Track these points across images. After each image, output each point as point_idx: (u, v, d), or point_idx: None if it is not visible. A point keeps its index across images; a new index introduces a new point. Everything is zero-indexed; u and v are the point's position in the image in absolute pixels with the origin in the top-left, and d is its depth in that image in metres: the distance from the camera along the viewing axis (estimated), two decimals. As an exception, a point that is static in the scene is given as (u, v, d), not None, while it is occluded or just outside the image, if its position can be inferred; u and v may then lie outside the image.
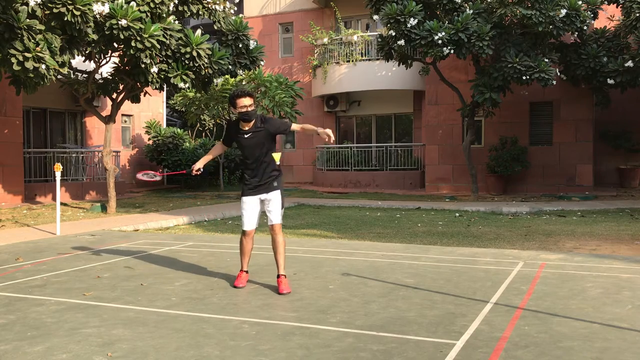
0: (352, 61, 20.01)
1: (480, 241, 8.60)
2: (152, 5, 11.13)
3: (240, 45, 13.40)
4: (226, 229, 10.29)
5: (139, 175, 6.46)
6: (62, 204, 13.83)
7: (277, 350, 3.72)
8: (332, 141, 5.13)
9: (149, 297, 5.16)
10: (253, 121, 5.32)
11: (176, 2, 11.89)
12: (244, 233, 5.49)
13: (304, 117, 20.60)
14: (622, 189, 17.81)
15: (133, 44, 10.67)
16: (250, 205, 5.41)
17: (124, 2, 10.59)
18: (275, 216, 5.38)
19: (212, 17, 12.88)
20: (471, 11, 13.78)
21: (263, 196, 5.40)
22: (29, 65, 8.99)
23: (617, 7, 14.84)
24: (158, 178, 6.70)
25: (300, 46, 22.24)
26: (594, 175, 17.48)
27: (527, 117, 17.43)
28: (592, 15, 14.29)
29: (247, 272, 5.65)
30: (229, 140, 5.65)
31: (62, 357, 3.62)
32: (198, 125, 21.96)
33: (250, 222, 5.44)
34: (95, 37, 10.50)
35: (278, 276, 5.39)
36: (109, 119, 13.03)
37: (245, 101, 5.21)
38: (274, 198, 5.40)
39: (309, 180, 22.25)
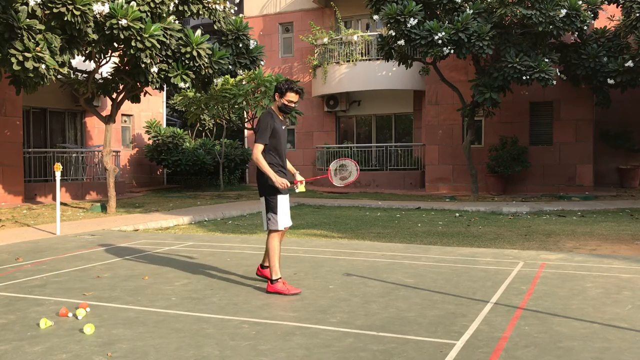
0: (352, 61, 20.00)
1: (480, 241, 8.59)
2: (152, 5, 11.13)
3: (241, 45, 13.40)
4: (226, 228, 10.29)
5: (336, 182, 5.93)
6: (62, 203, 13.83)
7: (277, 350, 3.72)
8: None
9: (149, 297, 5.16)
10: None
11: (176, 1, 11.89)
12: (278, 232, 5.28)
13: (304, 117, 20.64)
14: (622, 189, 17.80)
15: (133, 43, 10.66)
16: (287, 202, 5.39)
17: (124, 2, 10.58)
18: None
19: (212, 17, 12.88)
20: (471, 11, 13.77)
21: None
22: (29, 65, 8.99)
23: (617, 7, 14.84)
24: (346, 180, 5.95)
25: (300, 46, 22.23)
26: (594, 175, 17.48)
27: (527, 117, 17.43)
28: (592, 15, 14.28)
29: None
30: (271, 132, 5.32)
31: (62, 357, 3.62)
32: (198, 125, 21.98)
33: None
34: (95, 37, 10.50)
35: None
36: (109, 119, 13.03)
37: (295, 97, 5.38)
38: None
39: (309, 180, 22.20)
